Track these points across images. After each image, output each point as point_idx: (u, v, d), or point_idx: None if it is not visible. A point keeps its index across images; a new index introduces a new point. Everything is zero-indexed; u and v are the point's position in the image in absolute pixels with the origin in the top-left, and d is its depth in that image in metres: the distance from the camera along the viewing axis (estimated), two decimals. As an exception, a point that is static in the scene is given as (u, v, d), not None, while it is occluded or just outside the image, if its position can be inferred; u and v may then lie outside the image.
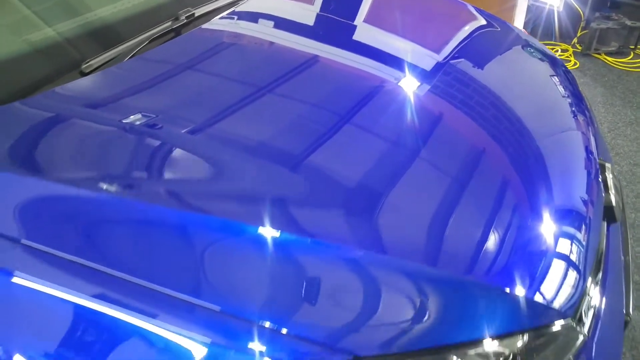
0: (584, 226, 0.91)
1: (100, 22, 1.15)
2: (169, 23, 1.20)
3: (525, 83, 1.30)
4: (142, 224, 0.75)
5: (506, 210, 0.86)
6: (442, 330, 0.69)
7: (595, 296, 0.89)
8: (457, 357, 0.69)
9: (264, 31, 1.32)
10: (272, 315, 0.66)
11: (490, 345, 0.70)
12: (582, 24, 3.52)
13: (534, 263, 0.80)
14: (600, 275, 0.94)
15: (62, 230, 0.74)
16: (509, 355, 0.71)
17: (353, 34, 1.38)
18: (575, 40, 3.52)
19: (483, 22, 1.55)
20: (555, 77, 1.37)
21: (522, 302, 0.74)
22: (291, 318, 0.66)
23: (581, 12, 3.51)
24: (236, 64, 1.14)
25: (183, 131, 0.89)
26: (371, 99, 1.06)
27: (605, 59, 3.34)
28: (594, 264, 0.91)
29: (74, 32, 1.09)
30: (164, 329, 0.65)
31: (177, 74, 1.07)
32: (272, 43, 1.28)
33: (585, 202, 0.96)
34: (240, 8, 1.39)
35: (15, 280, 0.69)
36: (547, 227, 0.86)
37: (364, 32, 1.38)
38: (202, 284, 0.69)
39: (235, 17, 1.35)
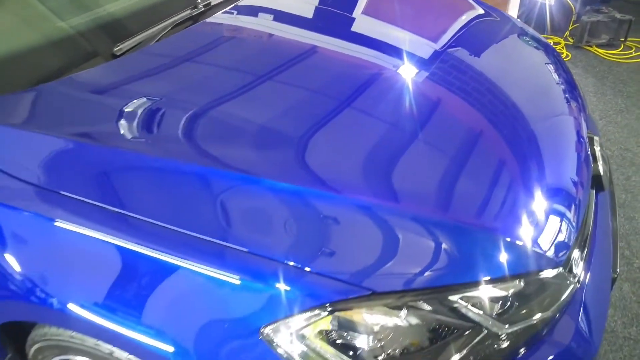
0: (576, 188, 1.01)
1: (128, 10, 1.25)
2: (188, 11, 1.30)
3: (521, 67, 1.40)
4: (181, 181, 0.85)
5: (507, 169, 0.97)
6: (446, 271, 0.79)
7: (585, 251, 0.99)
8: (458, 296, 0.78)
9: (267, 24, 1.42)
10: (297, 256, 0.75)
11: (487, 288, 0.79)
12: (574, 17, 3.63)
13: (531, 215, 0.90)
14: (589, 234, 1.04)
15: (111, 185, 0.85)
16: (505, 298, 0.80)
17: (353, 25, 1.47)
18: (567, 33, 3.63)
19: (480, 11, 1.64)
20: (549, 62, 1.47)
21: (519, 249, 0.85)
22: (315, 259, 0.75)
23: (572, 6, 3.62)
24: (247, 50, 1.24)
25: (205, 102, 1.00)
26: (372, 82, 1.15)
27: (596, 50, 3.44)
28: (584, 222, 1.00)
29: (106, 20, 1.21)
30: (199, 269, 0.75)
31: (194, 58, 1.17)
32: (279, 31, 1.38)
33: (577, 168, 1.06)
34: (243, 3, 1.49)
35: (60, 225, 0.80)
36: (544, 187, 0.97)
37: (365, 24, 1.47)
38: (232, 229, 0.79)
39: (242, 11, 1.44)
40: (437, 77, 1.21)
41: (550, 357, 0.84)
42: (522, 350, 0.82)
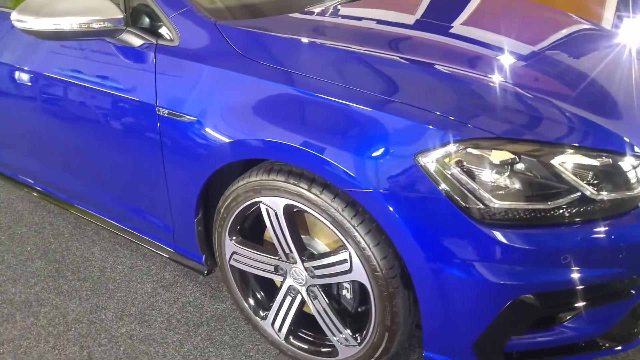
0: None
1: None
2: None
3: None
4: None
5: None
6: (555, 134, 1.11)
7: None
8: (559, 160, 1.06)
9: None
10: (446, 110, 1.11)
11: (581, 155, 1.08)
12: None
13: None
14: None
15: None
16: (595, 168, 1.07)
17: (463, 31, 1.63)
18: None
19: (584, 25, 1.76)
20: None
21: (614, 133, 1.14)
22: (460, 112, 1.11)
23: None
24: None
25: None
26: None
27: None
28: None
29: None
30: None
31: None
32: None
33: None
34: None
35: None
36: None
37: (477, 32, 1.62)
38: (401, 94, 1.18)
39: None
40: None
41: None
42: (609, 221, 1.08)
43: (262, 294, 1.54)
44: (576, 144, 1.09)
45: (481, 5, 1.88)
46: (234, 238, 1.43)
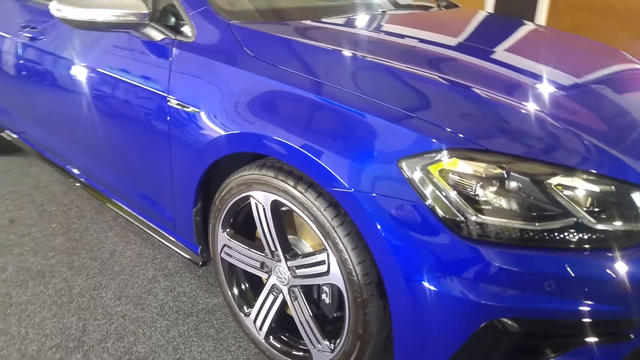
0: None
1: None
2: None
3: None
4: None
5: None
6: (551, 154, 1.06)
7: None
8: (556, 181, 1.01)
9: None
10: (434, 118, 1.10)
11: (582, 180, 1.03)
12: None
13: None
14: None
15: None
16: (595, 194, 1.02)
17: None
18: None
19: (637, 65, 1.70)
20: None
21: (618, 160, 1.09)
22: (448, 121, 1.09)
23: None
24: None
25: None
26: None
27: None
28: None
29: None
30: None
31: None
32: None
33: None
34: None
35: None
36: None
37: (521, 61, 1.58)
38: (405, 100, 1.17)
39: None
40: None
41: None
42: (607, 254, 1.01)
43: (249, 290, 1.56)
44: (577, 167, 1.04)
45: (534, 36, 1.86)
46: (227, 230, 1.47)
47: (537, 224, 1.00)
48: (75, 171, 2.18)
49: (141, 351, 1.55)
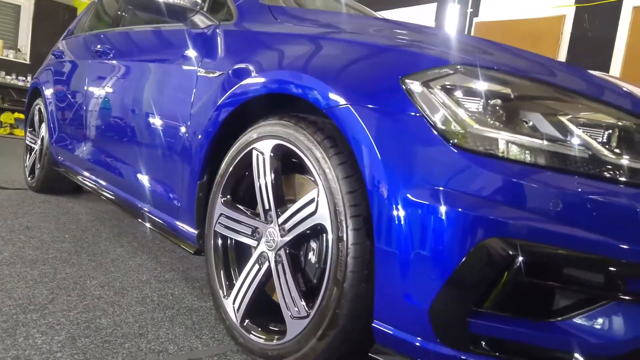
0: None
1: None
2: None
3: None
4: None
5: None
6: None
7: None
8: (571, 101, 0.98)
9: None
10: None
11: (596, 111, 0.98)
12: None
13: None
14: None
15: None
16: (609, 128, 0.95)
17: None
18: None
19: None
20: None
21: None
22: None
23: None
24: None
25: None
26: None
27: None
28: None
29: None
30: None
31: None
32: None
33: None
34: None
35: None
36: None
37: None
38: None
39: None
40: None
41: None
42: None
43: (235, 270, 1.42)
44: (595, 97, 0.98)
45: None
46: (226, 198, 1.41)
47: (544, 141, 0.94)
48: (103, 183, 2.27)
49: (104, 323, 1.38)
